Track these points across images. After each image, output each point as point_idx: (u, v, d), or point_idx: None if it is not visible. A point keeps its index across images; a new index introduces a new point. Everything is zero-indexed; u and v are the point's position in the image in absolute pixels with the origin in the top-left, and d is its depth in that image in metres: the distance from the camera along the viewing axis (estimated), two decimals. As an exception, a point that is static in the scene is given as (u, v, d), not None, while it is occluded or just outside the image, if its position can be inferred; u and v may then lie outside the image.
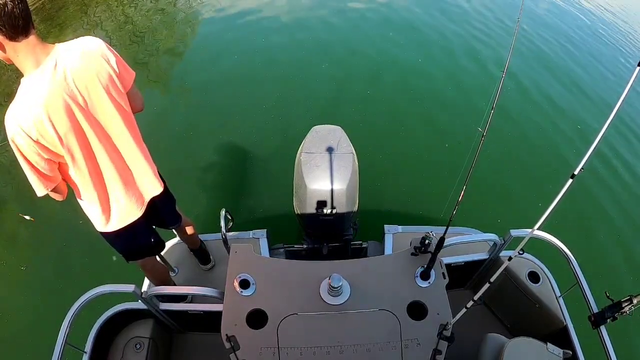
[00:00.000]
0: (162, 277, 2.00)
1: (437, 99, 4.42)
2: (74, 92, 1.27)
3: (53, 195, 1.39)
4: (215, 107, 4.24)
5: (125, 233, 1.62)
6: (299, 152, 2.16)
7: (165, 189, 1.76)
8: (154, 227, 1.87)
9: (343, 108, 4.20)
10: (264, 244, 2.21)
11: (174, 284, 2.12)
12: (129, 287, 1.48)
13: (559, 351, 1.47)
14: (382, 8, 5.92)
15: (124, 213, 1.57)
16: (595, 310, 1.54)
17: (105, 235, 1.64)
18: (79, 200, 1.52)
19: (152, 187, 1.65)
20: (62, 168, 1.38)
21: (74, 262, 2.97)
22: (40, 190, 1.32)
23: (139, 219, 1.63)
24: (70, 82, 1.26)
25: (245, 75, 4.62)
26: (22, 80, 1.23)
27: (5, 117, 1.20)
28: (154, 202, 1.69)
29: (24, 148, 1.22)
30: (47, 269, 2.97)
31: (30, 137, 1.20)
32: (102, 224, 1.57)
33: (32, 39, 1.18)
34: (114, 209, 1.54)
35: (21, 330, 2.69)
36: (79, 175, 1.39)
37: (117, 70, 1.38)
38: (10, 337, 2.68)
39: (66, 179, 1.43)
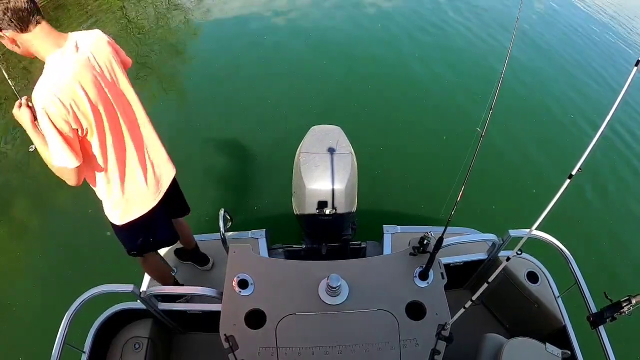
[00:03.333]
0: (163, 273, 2.02)
1: (436, 99, 4.42)
2: (100, 68, 1.35)
3: (72, 175, 1.36)
4: (214, 106, 4.24)
5: (144, 223, 1.65)
6: (297, 152, 2.16)
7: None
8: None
9: (342, 108, 4.21)
10: (262, 244, 2.21)
11: (176, 281, 2.13)
12: (128, 287, 1.48)
13: (557, 351, 1.46)
14: (382, 8, 5.93)
15: (143, 198, 1.60)
16: (594, 310, 1.54)
17: (123, 227, 1.64)
18: (99, 187, 1.52)
19: (168, 170, 1.70)
20: (86, 151, 1.39)
21: (85, 251, 2.98)
22: (72, 161, 1.30)
23: (156, 207, 1.66)
24: (93, 60, 1.33)
25: (244, 76, 4.62)
26: (47, 58, 1.26)
27: (35, 91, 1.22)
28: (168, 191, 1.72)
29: (55, 116, 1.22)
30: (58, 259, 2.98)
31: (63, 104, 1.23)
32: (120, 215, 1.59)
33: (44, 25, 1.23)
34: (133, 192, 1.56)
35: (27, 324, 2.70)
36: (102, 153, 1.41)
37: (120, 55, 1.49)
38: (19, 330, 2.69)
39: (87, 163, 1.43)
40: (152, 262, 1.94)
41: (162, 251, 2.25)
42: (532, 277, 1.84)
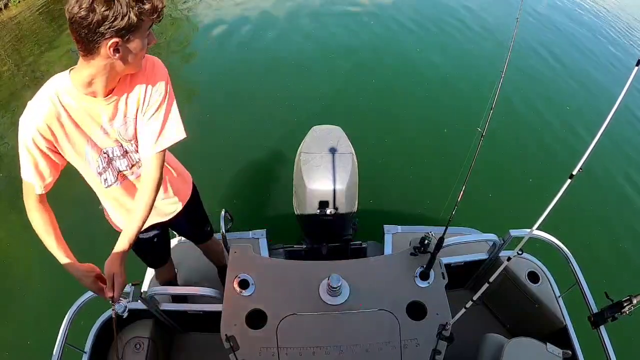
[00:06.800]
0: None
1: (437, 99, 4.42)
2: None
3: None
4: (214, 107, 4.24)
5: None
6: (298, 152, 2.16)
7: None
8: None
9: (343, 107, 4.21)
10: (263, 244, 2.21)
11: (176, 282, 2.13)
12: (129, 288, 1.48)
13: (558, 351, 1.46)
14: (384, 5, 5.93)
15: None
16: (595, 310, 1.54)
17: None
18: None
19: None
20: None
21: (86, 249, 2.96)
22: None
23: None
24: None
25: (244, 76, 4.62)
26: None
27: (160, 69, 1.26)
28: None
29: None
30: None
31: None
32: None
33: None
34: None
35: (34, 314, 2.72)
36: None
37: None
38: (26, 319, 2.72)
39: None
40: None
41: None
42: (533, 277, 1.83)
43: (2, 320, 2.74)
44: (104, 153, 1.26)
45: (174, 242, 2.29)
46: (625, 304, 1.38)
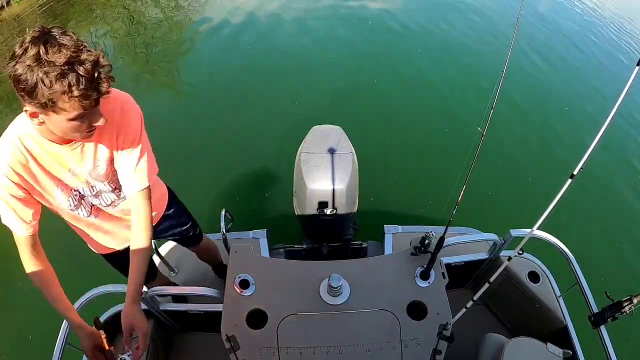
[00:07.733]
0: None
1: (437, 99, 4.42)
2: None
3: None
4: (215, 107, 4.24)
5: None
6: (299, 152, 2.17)
7: None
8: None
9: (343, 108, 4.21)
10: (264, 244, 2.21)
11: (174, 282, 2.13)
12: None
13: (559, 351, 1.46)
14: (384, 6, 5.92)
15: None
16: (595, 310, 1.54)
17: None
18: None
19: None
20: None
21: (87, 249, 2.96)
22: None
23: None
24: None
25: (245, 76, 4.63)
26: None
27: (132, 106, 1.21)
28: None
29: None
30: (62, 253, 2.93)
31: None
32: None
33: None
34: None
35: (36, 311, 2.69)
36: None
37: None
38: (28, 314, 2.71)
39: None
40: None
41: (164, 250, 2.26)
42: (534, 276, 1.83)
43: (3, 314, 2.74)
44: (75, 191, 1.23)
45: (171, 244, 2.29)
46: (626, 304, 1.37)
